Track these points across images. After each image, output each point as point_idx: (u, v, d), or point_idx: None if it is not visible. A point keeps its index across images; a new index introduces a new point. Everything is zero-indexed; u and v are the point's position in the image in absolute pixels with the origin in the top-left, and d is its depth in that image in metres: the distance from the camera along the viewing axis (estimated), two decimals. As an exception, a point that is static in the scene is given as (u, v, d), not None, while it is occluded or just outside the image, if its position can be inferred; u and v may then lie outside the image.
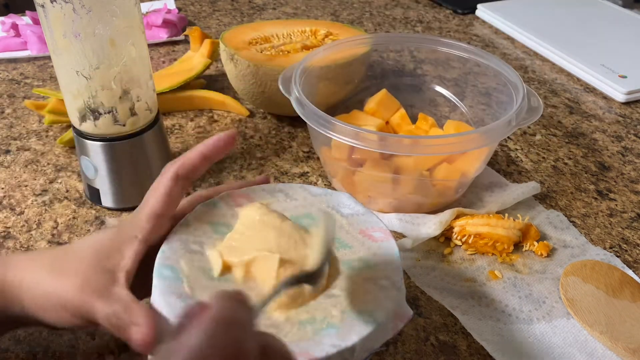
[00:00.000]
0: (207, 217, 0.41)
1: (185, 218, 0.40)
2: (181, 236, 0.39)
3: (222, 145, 0.40)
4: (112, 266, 0.36)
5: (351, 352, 0.33)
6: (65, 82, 0.52)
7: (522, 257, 0.53)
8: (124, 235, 0.38)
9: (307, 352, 0.32)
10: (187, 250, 0.38)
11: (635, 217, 0.59)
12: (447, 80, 0.69)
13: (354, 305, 0.36)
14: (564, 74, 0.87)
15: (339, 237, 0.41)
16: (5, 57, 0.87)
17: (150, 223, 0.38)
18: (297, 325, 0.34)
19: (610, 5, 1.06)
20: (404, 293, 0.37)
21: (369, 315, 0.35)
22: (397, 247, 0.40)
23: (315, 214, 0.42)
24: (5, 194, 0.60)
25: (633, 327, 0.46)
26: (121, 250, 0.37)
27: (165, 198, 0.38)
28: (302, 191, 0.44)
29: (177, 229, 0.39)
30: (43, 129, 0.70)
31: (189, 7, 1.08)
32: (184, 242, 0.38)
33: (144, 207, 0.38)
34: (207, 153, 0.40)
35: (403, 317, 0.37)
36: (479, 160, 0.57)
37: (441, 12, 1.09)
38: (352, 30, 0.75)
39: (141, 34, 0.52)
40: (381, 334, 0.35)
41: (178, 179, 0.39)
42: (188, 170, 0.39)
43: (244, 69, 0.66)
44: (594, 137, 0.72)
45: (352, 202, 0.43)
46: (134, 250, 0.37)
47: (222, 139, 0.40)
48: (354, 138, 0.50)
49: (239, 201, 0.42)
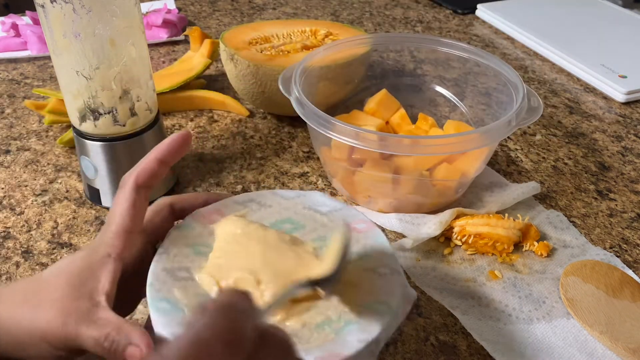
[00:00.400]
0: (184, 240, 0.39)
1: (162, 246, 0.39)
2: (165, 265, 0.37)
3: (176, 147, 0.39)
4: (90, 291, 0.35)
5: (377, 343, 0.34)
6: (65, 82, 0.52)
7: (522, 257, 0.53)
8: (95, 256, 0.36)
9: (337, 353, 0.32)
10: (175, 278, 0.37)
11: (635, 217, 0.59)
12: (447, 80, 0.69)
13: (365, 297, 0.36)
14: (564, 74, 0.87)
15: (325, 235, 0.40)
16: (5, 57, 0.87)
17: (120, 240, 0.36)
18: (316, 329, 0.34)
19: (610, 5, 1.06)
20: (404, 276, 0.38)
21: (382, 303, 0.35)
22: (382, 233, 0.40)
23: (294, 218, 0.42)
24: (5, 194, 0.60)
25: (633, 327, 0.46)
26: (96, 273, 0.35)
27: (130, 211, 0.37)
28: (274, 197, 0.43)
29: (158, 259, 0.38)
30: (43, 129, 0.70)
31: (189, 7, 1.08)
32: (169, 272, 0.37)
33: (111, 225, 0.37)
34: (161, 157, 0.38)
35: (410, 300, 0.37)
36: (479, 160, 0.57)
37: (441, 12, 1.09)
38: (352, 30, 0.75)
39: (141, 34, 0.52)
40: (396, 320, 0.35)
41: (139, 189, 0.37)
42: (147, 178, 0.38)
43: (244, 69, 0.66)
44: (594, 137, 0.72)
45: (327, 199, 0.43)
46: (109, 271, 0.36)
47: (175, 140, 0.39)
48: (354, 138, 0.50)
49: (213, 218, 0.41)
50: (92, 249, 0.37)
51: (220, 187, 0.61)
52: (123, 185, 0.38)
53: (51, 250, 0.53)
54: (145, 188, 0.38)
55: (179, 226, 0.40)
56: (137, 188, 0.37)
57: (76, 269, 0.36)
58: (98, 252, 0.36)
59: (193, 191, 0.61)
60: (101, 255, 0.36)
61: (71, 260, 0.36)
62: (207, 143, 0.69)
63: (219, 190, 0.61)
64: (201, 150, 0.67)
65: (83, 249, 0.37)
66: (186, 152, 0.39)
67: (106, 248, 0.36)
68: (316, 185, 0.62)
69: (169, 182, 0.61)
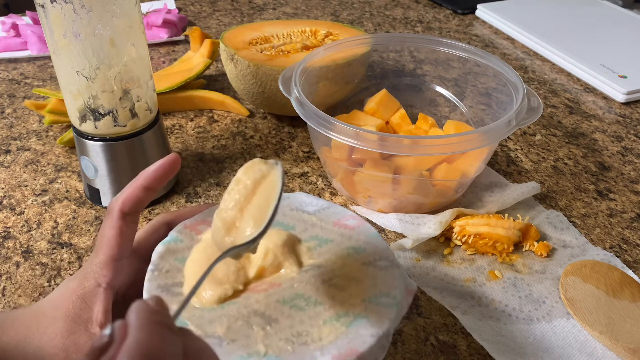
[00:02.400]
0: (172, 255, 0.39)
1: (152, 263, 0.38)
2: (159, 283, 0.37)
3: (163, 174, 0.38)
4: (85, 322, 0.36)
5: (387, 337, 0.34)
6: (65, 82, 0.52)
7: (522, 257, 0.53)
8: (87, 286, 0.37)
9: (352, 349, 0.32)
10: (172, 294, 0.36)
11: (635, 217, 0.59)
12: (447, 80, 0.69)
13: (369, 291, 0.36)
14: (564, 74, 0.87)
15: (316, 235, 0.40)
16: (5, 57, 0.87)
17: (108, 269, 0.37)
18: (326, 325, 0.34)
19: (610, 5, 1.06)
20: (403, 267, 0.38)
21: (387, 296, 0.35)
22: (373, 228, 0.40)
23: (283, 220, 0.42)
24: (5, 194, 0.60)
25: (633, 327, 0.46)
26: (88, 305, 0.36)
27: (117, 240, 0.37)
28: None
29: (150, 277, 0.37)
30: (43, 129, 0.70)
31: (189, 7, 1.08)
32: (164, 289, 0.37)
33: (99, 253, 0.37)
34: (147, 185, 0.38)
35: (411, 290, 0.37)
36: (479, 160, 0.57)
37: (441, 12, 1.09)
38: (352, 30, 0.75)
39: (141, 34, 0.52)
40: (400, 312, 0.36)
41: (125, 216, 0.37)
42: (132, 205, 0.38)
43: (244, 69, 0.66)
44: (594, 137, 0.72)
45: (313, 199, 0.43)
46: (101, 301, 0.36)
47: (162, 166, 0.38)
48: (354, 138, 0.50)
49: (198, 229, 0.41)
50: (83, 276, 0.37)
51: (220, 187, 0.61)
52: (109, 212, 0.38)
53: (51, 250, 0.53)
54: (132, 215, 0.38)
55: (165, 241, 0.40)
56: (122, 217, 0.37)
57: (70, 302, 0.37)
58: (89, 281, 0.37)
59: (193, 191, 0.61)
60: (92, 286, 0.37)
61: (64, 291, 0.37)
62: (207, 143, 0.69)
63: (219, 191, 0.61)
64: (201, 150, 0.67)
65: (75, 277, 0.38)
66: (174, 174, 0.39)
67: (96, 278, 0.37)
68: (316, 185, 0.62)
69: (169, 183, 0.61)
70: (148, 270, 0.38)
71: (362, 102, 0.68)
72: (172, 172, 0.39)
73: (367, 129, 0.51)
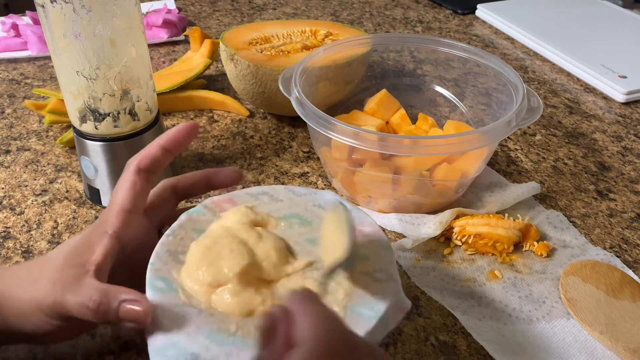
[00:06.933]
0: (192, 225, 0.40)
1: (170, 229, 0.40)
2: (169, 248, 0.38)
3: (182, 137, 0.40)
4: (83, 262, 0.36)
5: None
6: (65, 82, 0.52)
7: (522, 257, 0.53)
8: (94, 233, 0.38)
9: None
10: (177, 261, 0.38)
11: (635, 217, 0.59)
12: (447, 80, 0.69)
13: (354, 300, 0.36)
14: (564, 74, 0.87)
15: None
16: (5, 57, 0.87)
17: (118, 218, 0.38)
18: None
19: (610, 5, 1.06)
20: (400, 284, 0.38)
21: (370, 309, 0.35)
22: (387, 239, 0.40)
23: (303, 214, 0.42)
24: (5, 194, 0.60)
25: (633, 327, 0.46)
26: (91, 247, 0.37)
27: (130, 192, 0.38)
28: (286, 192, 0.44)
29: (164, 241, 0.39)
30: (43, 129, 0.70)
31: (189, 7, 1.08)
32: (172, 254, 0.38)
33: (113, 205, 0.39)
34: (165, 145, 0.40)
35: (402, 309, 0.37)
36: (479, 161, 0.57)
37: (441, 12, 1.09)
38: (352, 30, 0.75)
39: (141, 34, 0.52)
40: (383, 327, 0.36)
41: (140, 172, 0.39)
42: (149, 163, 0.39)
43: (244, 69, 0.66)
44: (594, 137, 0.72)
45: (338, 199, 0.43)
46: (104, 245, 0.37)
47: (181, 130, 0.40)
48: (354, 138, 0.50)
49: (223, 206, 0.42)
50: (93, 227, 0.38)
51: (220, 187, 0.61)
52: (126, 168, 0.39)
53: (51, 250, 0.53)
54: (147, 172, 0.39)
55: (190, 212, 0.41)
56: (138, 171, 0.39)
57: (75, 245, 0.38)
58: (97, 229, 0.38)
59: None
60: (99, 232, 0.38)
61: (73, 239, 0.38)
62: (207, 143, 0.69)
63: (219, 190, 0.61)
64: (201, 150, 0.67)
65: (86, 229, 0.39)
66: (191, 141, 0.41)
67: (104, 226, 0.38)
68: (316, 185, 0.62)
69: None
70: (164, 234, 0.39)
71: (362, 102, 0.68)
72: (190, 137, 0.40)
73: (367, 129, 0.51)
